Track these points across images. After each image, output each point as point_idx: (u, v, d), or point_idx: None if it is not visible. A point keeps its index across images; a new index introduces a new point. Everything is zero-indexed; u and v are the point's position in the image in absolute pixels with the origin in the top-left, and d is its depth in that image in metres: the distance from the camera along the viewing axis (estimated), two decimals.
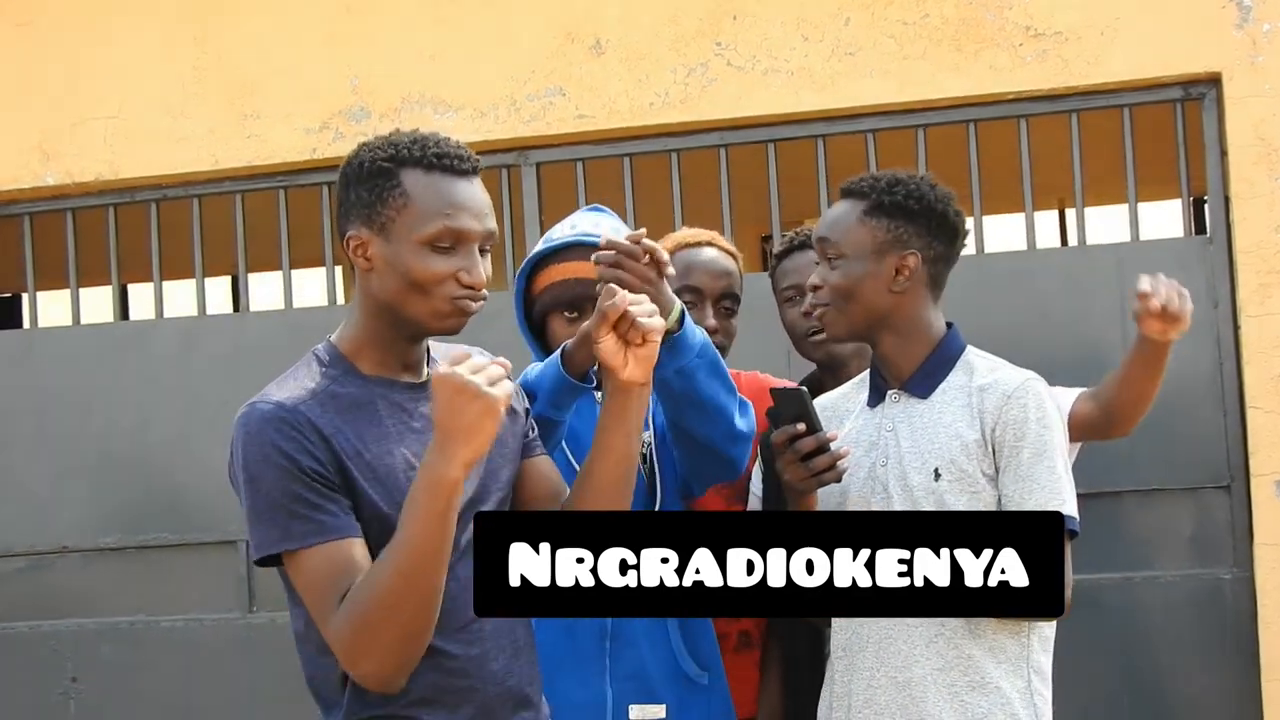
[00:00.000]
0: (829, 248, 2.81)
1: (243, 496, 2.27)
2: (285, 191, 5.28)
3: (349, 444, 2.25)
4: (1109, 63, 4.72)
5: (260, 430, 2.24)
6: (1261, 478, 4.57)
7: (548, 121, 5.00)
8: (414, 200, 2.31)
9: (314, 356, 2.37)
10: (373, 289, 2.34)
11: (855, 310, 2.79)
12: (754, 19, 4.91)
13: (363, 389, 2.32)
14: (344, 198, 2.37)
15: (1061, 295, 4.75)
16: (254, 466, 2.24)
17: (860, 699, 2.74)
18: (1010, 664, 2.70)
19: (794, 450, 2.69)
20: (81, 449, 5.32)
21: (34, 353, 5.40)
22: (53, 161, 5.31)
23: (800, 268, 3.25)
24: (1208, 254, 4.72)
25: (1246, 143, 4.61)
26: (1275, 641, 4.55)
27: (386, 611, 2.14)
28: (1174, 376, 4.74)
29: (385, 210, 2.32)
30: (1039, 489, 2.67)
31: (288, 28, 5.20)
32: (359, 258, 2.34)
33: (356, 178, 2.35)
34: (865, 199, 2.81)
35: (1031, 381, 2.74)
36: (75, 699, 5.29)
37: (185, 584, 5.25)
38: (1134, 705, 4.69)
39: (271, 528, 2.22)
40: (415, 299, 2.30)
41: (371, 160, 2.34)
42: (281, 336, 5.19)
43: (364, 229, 2.34)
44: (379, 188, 2.32)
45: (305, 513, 2.20)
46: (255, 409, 2.27)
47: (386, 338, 2.36)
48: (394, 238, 2.31)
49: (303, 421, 2.23)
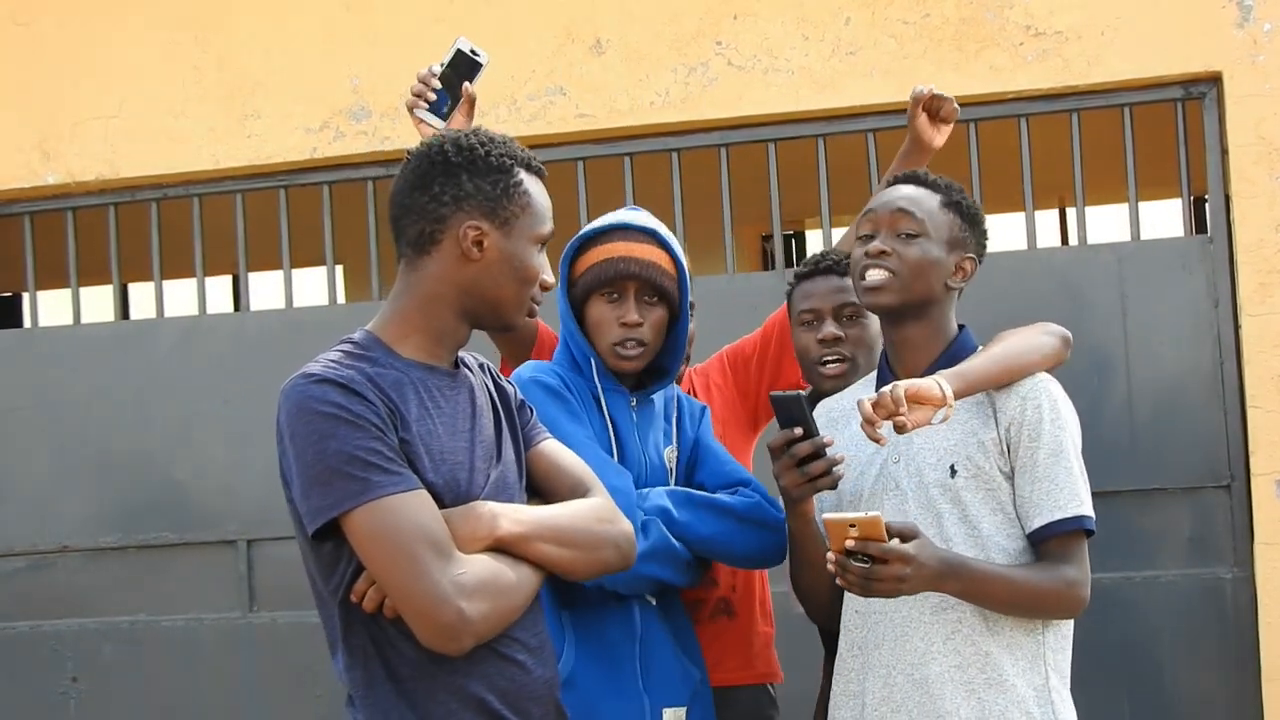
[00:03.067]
0: (910, 222, 2.76)
1: (301, 464, 2.27)
2: (285, 191, 5.29)
3: (400, 411, 2.30)
4: (1109, 62, 4.72)
5: (323, 394, 2.26)
6: (1262, 477, 4.57)
7: (548, 121, 5.00)
8: (533, 200, 2.41)
9: (349, 342, 2.40)
10: (466, 278, 2.38)
11: (917, 288, 2.76)
12: (754, 18, 4.91)
13: (400, 370, 2.35)
14: (454, 186, 2.37)
15: (1061, 295, 4.75)
16: (320, 425, 2.25)
17: (876, 696, 2.73)
18: (1027, 661, 2.70)
19: (790, 455, 2.66)
20: (81, 449, 5.32)
21: (34, 353, 5.40)
22: (53, 161, 5.31)
23: (822, 292, 3.20)
24: (1208, 253, 4.72)
25: (1247, 142, 4.61)
26: (1275, 641, 4.55)
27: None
28: (1174, 375, 4.78)
29: (510, 206, 2.39)
30: (1058, 490, 2.68)
31: (288, 28, 5.20)
32: (470, 245, 2.37)
33: (474, 169, 2.38)
34: (939, 192, 2.81)
35: (1045, 382, 2.74)
36: (75, 699, 5.29)
37: (185, 584, 5.25)
38: (1134, 705, 4.69)
39: (349, 483, 2.22)
40: (517, 292, 2.40)
41: (489, 154, 2.39)
42: (281, 336, 5.20)
43: (485, 220, 2.37)
44: (502, 183, 2.39)
45: (383, 464, 2.23)
46: (309, 377, 2.29)
47: (447, 326, 2.41)
48: (514, 234, 2.38)
49: (363, 383, 2.28)
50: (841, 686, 2.81)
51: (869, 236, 2.80)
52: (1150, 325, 4.72)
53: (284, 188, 5.28)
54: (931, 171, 2.90)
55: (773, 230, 5.04)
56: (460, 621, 2.22)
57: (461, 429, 2.37)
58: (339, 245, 5.28)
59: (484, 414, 2.43)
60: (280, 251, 5.30)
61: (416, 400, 2.33)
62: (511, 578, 2.30)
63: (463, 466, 2.35)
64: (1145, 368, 4.72)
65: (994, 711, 2.66)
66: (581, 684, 2.74)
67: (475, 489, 2.36)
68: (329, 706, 5.04)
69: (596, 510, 2.45)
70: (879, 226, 2.79)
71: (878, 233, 2.79)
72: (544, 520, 2.37)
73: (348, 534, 2.24)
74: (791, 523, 2.78)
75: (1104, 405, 4.67)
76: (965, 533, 2.70)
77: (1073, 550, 2.70)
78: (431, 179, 2.37)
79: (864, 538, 2.49)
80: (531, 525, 2.34)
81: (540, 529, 2.35)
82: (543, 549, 2.35)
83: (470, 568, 2.24)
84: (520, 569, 2.32)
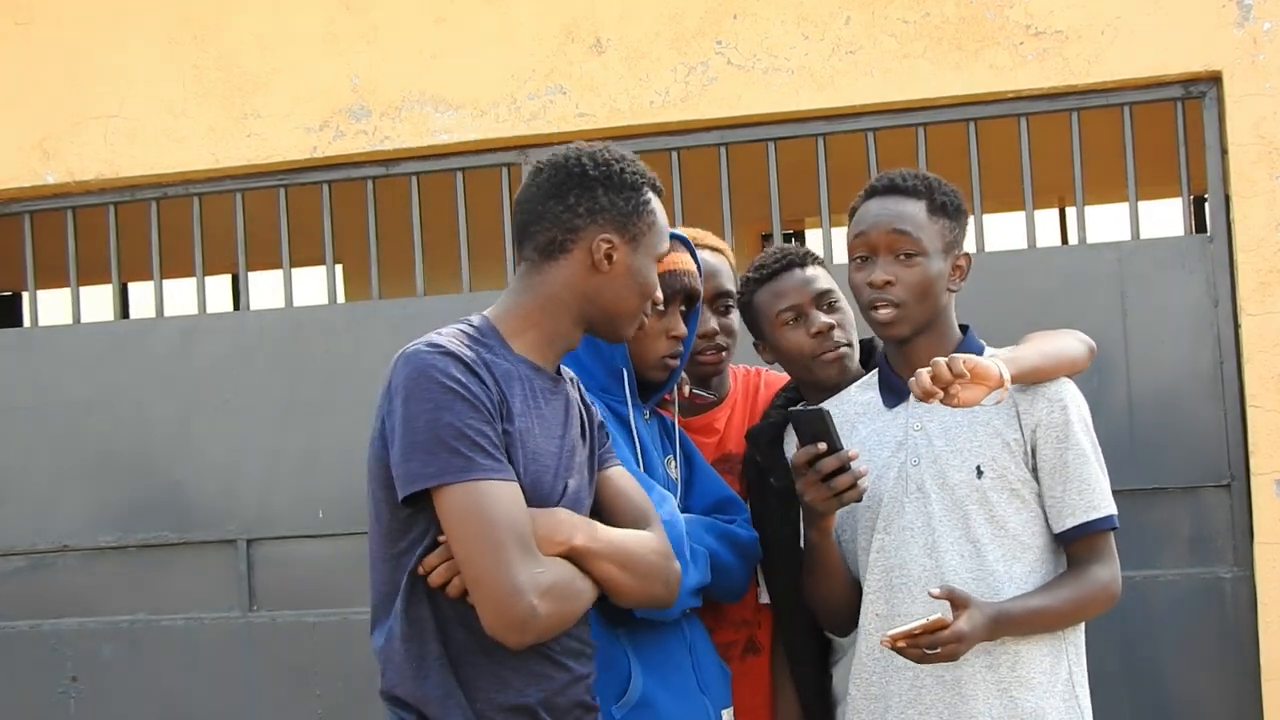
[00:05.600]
0: (907, 241, 2.75)
1: (409, 428, 2.31)
2: (285, 190, 5.28)
3: (509, 402, 2.37)
4: (1109, 61, 4.72)
5: (445, 365, 2.32)
6: (1262, 477, 4.57)
7: (548, 120, 4.99)
8: (658, 219, 2.54)
9: (468, 324, 2.46)
10: (591, 287, 2.48)
11: (925, 309, 2.77)
12: (754, 18, 4.91)
13: (513, 363, 2.43)
14: (589, 199, 2.47)
15: (1061, 294, 4.75)
16: (438, 396, 2.30)
17: (903, 699, 2.73)
18: (1053, 657, 2.73)
19: (815, 471, 2.66)
20: (81, 448, 5.32)
21: (34, 352, 5.40)
22: (53, 160, 5.31)
23: (796, 287, 3.09)
24: (1208, 252, 4.72)
25: (1247, 141, 4.61)
26: (1275, 641, 4.55)
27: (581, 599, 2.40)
28: (1174, 375, 4.78)
29: (639, 223, 2.50)
30: (1090, 490, 2.75)
31: (288, 27, 5.20)
32: (602, 258, 2.46)
33: (610, 185, 2.48)
34: (923, 197, 2.80)
35: (1066, 383, 2.78)
36: (75, 698, 5.29)
37: (185, 583, 5.25)
38: (1134, 704, 4.69)
39: (454, 457, 2.28)
40: (637, 305, 2.52)
41: (623, 171, 2.49)
42: (281, 335, 5.20)
43: (617, 235, 2.48)
44: (634, 200, 2.50)
45: (490, 448, 2.31)
46: (434, 348, 2.35)
47: (562, 330, 2.50)
48: (640, 250, 2.51)
49: (483, 367, 2.35)
50: (861, 690, 2.80)
51: (866, 259, 2.80)
52: (1150, 325, 4.72)
53: (284, 187, 5.28)
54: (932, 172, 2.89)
55: (773, 229, 5.03)
56: (531, 616, 2.29)
57: (554, 434, 2.45)
58: (339, 245, 5.28)
59: (574, 425, 2.51)
60: (280, 251, 5.30)
61: (522, 396, 2.40)
62: (580, 586, 2.39)
63: (548, 470, 2.42)
64: (1145, 367, 4.72)
65: (1025, 709, 2.68)
66: (655, 702, 2.75)
67: (555, 495, 2.43)
68: (329, 706, 5.04)
69: (658, 545, 2.54)
70: (876, 249, 2.79)
71: (875, 255, 2.79)
72: (614, 542, 2.46)
73: (439, 507, 2.30)
74: (812, 536, 2.78)
75: (1104, 405, 4.65)
76: (993, 532, 2.72)
77: (1102, 548, 2.79)
78: (568, 190, 2.47)
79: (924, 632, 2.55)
80: (603, 544, 2.43)
81: (610, 549, 2.44)
82: (607, 569, 2.43)
83: (548, 568, 2.32)
84: (586, 581, 2.41)
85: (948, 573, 2.70)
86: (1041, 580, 2.73)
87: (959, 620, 2.55)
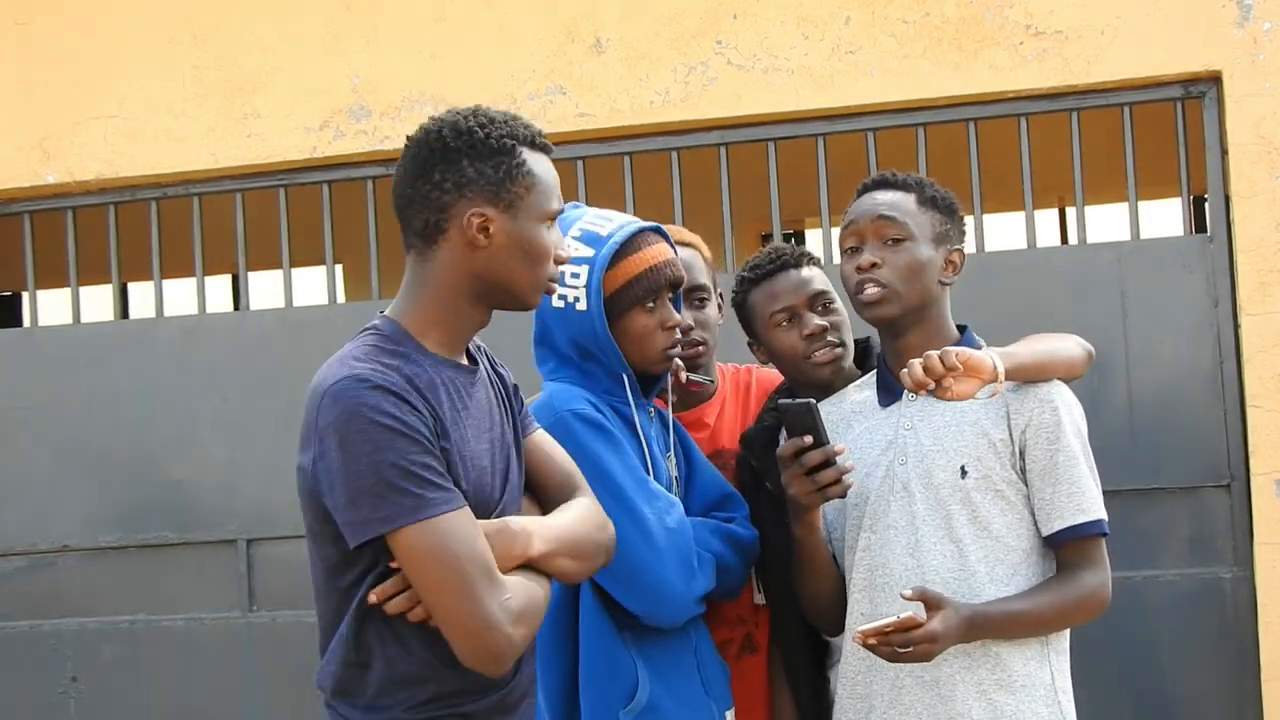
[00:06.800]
0: (893, 228, 2.76)
1: (350, 473, 2.18)
2: (285, 190, 5.29)
3: (440, 418, 2.27)
4: (1109, 61, 4.72)
5: (377, 403, 2.19)
6: (1262, 477, 4.57)
7: (548, 120, 4.99)
8: (538, 179, 2.35)
9: (375, 333, 2.34)
10: (477, 265, 2.34)
11: (914, 292, 2.75)
12: (754, 18, 4.91)
13: (432, 369, 2.31)
14: (455, 173, 2.32)
15: (1061, 294, 4.75)
16: (375, 436, 2.17)
17: (885, 699, 2.73)
18: (1035, 661, 2.71)
19: (800, 464, 2.65)
20: (81, 449, 5.32)
21: (34, 352, 5.40)
22: (53, 160, 5.31)
23: (791, 288, 3.06)
24: (1208, 252, 4.72)
25: (1247, 141, 4.61)
26: (1275, 641, 4.55)
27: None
28: (1174, 375, 4.78)
29: (514, 188, 2.33)
30: (1079, 493, 2.71)
31: (288, 28, 5.20)
32: (477, 233, 2.32)
33: (475, 153, 2.32)
34: (912, 191, 2.81)
35: (1059, 386, 2.75)
36: (75, 698, 5.29)
37: (185, 584, 5.25)
38: (1134, 704, 4.69)
39: (403, 498, 2.18)
40: (530, 272, 2.36)
41: (487, 137, 2.32)
42: (281, 335, 5.20)
43: (489, 206, 2.32)
44: (505, 165, 2.33)
45: (436, 480, 2.21)
46: (361, 382, 2.20)
47: (464, 317, 2.37)
48: (521, 215, 2.34)
49: (412, 392, 2.23)
50: (848, 690, 2.80)
51: (855, 249, 2.80)
52: (1150, 325, 4.72)
53: (284, 187, 5.28)
54: (930, 172, 2.90)
55: (773, 229, 5.03)
56: (508, 647, 2.24)
57: (484, 430, 2.36)
58: (339, 245, 5.28)
59: (495, 410, 2.42)
60: (280, 251, 5.30)
61: (449, 403, 2.30)
62: (541, 597, 2.32)
63: (487, 472, 2.35)
64: (1145, 367, 4.72)
65: (1006, 712, 2.66)
66: (662, 707, 2.75)
67: (496, 493, 2.37)
68: None
69: (594, 517, 2.47)
70: (864, 237, 2.79)
71: (863, 244, 2.79)
72: (564, 537, 2.39)
73: (396, 549, 2.20)
74: (798, 531, 2.77)
75: (1104, 405, 4.66)
76: (975, 533, 2.69)
77: (1091, 552, 2.74)
78: (432, 166, 2.32)
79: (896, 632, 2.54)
80: (554, 542, 2.37)
81: (562, 545, 2.38)
82: (561, 564, 2.38)
83: (514, 593, 2.25)
84: (542, 584, 2.35)
85: (929, 572, 2.69)
86: (1025, 583, 2.71)
87: (933, 620, 2.53)
